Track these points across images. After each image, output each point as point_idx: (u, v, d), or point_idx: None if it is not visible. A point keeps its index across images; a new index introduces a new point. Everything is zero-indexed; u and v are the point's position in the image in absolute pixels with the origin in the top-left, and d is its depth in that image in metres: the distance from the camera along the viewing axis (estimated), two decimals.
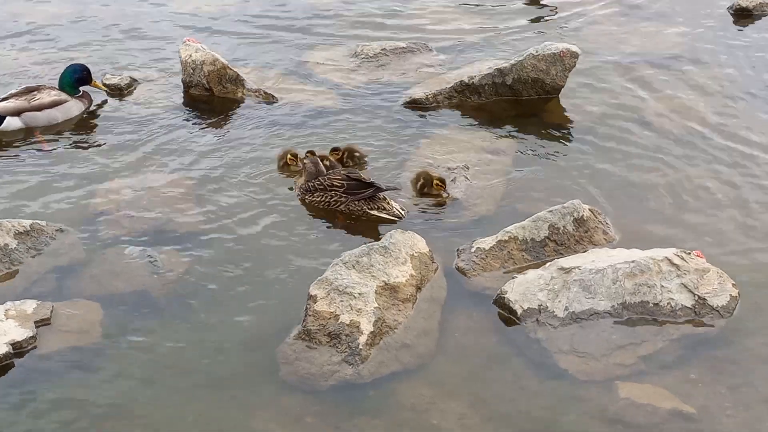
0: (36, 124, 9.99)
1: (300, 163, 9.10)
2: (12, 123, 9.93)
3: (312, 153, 9.05)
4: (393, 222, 8.43)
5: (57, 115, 10.09)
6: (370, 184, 8.52)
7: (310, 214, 8.62)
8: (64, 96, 10.19)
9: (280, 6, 13.10)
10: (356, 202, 8.51)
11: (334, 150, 9.24)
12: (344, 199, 8.52)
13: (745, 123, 10.23)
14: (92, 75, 10.41)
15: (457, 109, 10.46)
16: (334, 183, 8.54)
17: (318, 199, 8.57)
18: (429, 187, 8.65)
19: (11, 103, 9.95)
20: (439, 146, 9.66)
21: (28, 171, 9.21)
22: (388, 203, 8.55)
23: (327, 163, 8.99)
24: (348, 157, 9.22)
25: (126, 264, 7.79)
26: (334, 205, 8.54)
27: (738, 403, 6.64)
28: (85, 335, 7.07)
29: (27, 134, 9.90)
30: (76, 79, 10.30)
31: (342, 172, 8.66)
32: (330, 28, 12.48)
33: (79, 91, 10.35)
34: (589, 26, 12.62)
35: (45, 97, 10.08)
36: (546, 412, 6.60)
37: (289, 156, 9.23)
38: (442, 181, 8.64)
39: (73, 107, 10.22)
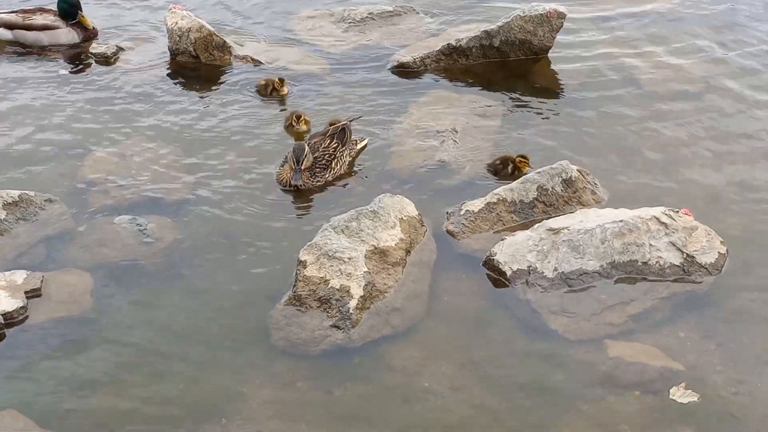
0: (24, 41, 10.83)
1: (301, 125, 9.21)
2: (3, 34, 10.84)
3: (282, 80, 9.79)
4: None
5: (43, 38, 10.79)
6: (342, 124, 8.79)
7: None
8: (58, 23, 10.83)
9: None
10: (352, 145, 8.76)
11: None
12: (346, 150, 8.65)
13: (734, 81, 10.22)
14: (80, 10, 10.87)
15: (445, 73, 10.43)
16: (333, 145, 8.58)
17: (338, 168, 8.57)
18: (514, 167, 8.46)
19: (6, 16, 10.89)
20: (427, 109, 9.64)
21: (15, 140, 9.17)
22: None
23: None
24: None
25: (115, 233, 7.78)
26: (347, 163, 8.65)
27: (726, 359, 6.69)
28: (76, 304, 7.08)
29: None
30: (63, 8, 10.90)
31: (316, 139, 8.65)
32: None
33: (75, 20, 10.90)
34: None
35: (39, 19, 10.86)
36: (536, 372, 6.64)
37: (294, 117, 9.28)
38: (524, 157, 8.48)
39: (62, 35, 10.87)
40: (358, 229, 7.33)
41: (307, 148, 8.42)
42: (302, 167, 8.36)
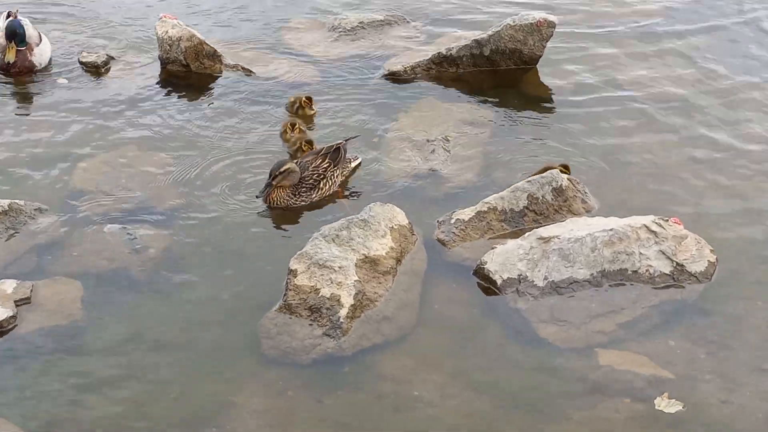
0: None
1: (295, 133, 9.20)
2: None
3: (309, 99, 9.66)
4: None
5: None
6: (337, 144, 8.65)
7: None
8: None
9: None
10: (346, 164, 8.65)
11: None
12: (338, 170, 8.53)
13: (724, 90, 10.27)
14: (11, 41, 10.30)
15: (436, 81, 10.45)
16: (324, 165, 8.48)
17: (327, 188, 8.44)
18: None
19: None
20: (417, 118, 9.65)
21: (5, 149, 9.16)
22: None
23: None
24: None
25: (105, 242, 7.77)
26: (338, 183, 8.53)
27: (716, 368, 6.71)
28: (66, 313, 7.06)
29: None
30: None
31: (309, 158, 8.54)
32: (306, 1, 12.41)
33: (15, 46, 10.31)
34: None
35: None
36: (527, 380, 6.65)
37: (288, 125, 9.29)
38: (566, 167, 8.45)
39: None
40: (349, 237, 7.34)
41: (290, 165, 8.29)
42: (275, 183, 8.24)
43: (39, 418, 6.29)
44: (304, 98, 9.69)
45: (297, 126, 9.29)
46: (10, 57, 10.34)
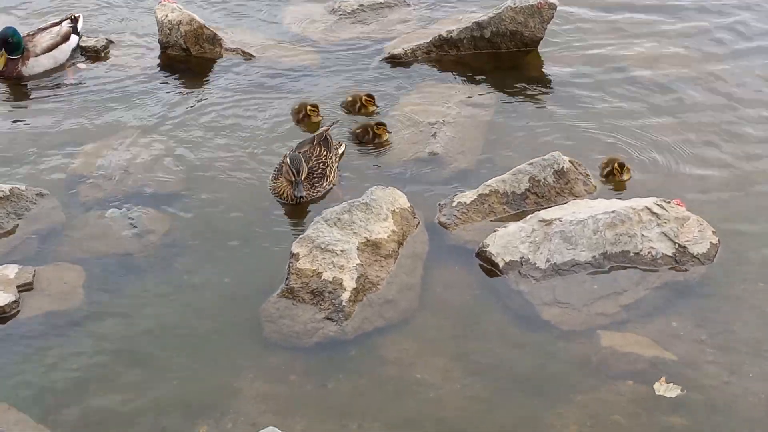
0: None
1: (319, 116, 9.22)
2: None
3: (382, 124, 8.99)
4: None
5: None
6: (324, 132, 8.61)
7: None
8: None
9: None
10: (335, 151, 8.59)
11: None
12: (333, 156, 8.51)
13: (727, 72, 10.21)
14: (3, 48, 10.06)
15: (436, 64, 10.42)
16: (323, 153, 8.44)
17: (332, 176, 8.40)
18: (609, 171, 8.36)
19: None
20: (418, 101, 9.63)
21: (5, 134, 9.15)
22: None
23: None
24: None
25: (107, 227, 7.78)
26: (337, 168, 8.50)
27: (719, 349, 6.71)
28: (68, 299, 7.07)
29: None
30: None
31: (305, 149, 8.44)
32: None
33: (10, 53, 10.11)
34: None
35: None
36: (529, 363, 6.65)
37: (308, 107, 9.25)
38: (622, 165, 8.36)
39: None
40: (351, 221, 7.33)
41: (302, 158, 8.22)
42: (303, 179, 8.13)
43: (41, 404, 6.30)
44: (365, 97, 9.44)
45: (318, 107, 9.26)
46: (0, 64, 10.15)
